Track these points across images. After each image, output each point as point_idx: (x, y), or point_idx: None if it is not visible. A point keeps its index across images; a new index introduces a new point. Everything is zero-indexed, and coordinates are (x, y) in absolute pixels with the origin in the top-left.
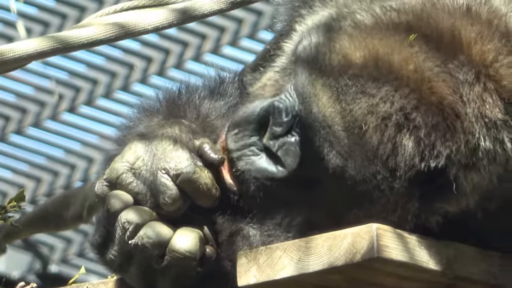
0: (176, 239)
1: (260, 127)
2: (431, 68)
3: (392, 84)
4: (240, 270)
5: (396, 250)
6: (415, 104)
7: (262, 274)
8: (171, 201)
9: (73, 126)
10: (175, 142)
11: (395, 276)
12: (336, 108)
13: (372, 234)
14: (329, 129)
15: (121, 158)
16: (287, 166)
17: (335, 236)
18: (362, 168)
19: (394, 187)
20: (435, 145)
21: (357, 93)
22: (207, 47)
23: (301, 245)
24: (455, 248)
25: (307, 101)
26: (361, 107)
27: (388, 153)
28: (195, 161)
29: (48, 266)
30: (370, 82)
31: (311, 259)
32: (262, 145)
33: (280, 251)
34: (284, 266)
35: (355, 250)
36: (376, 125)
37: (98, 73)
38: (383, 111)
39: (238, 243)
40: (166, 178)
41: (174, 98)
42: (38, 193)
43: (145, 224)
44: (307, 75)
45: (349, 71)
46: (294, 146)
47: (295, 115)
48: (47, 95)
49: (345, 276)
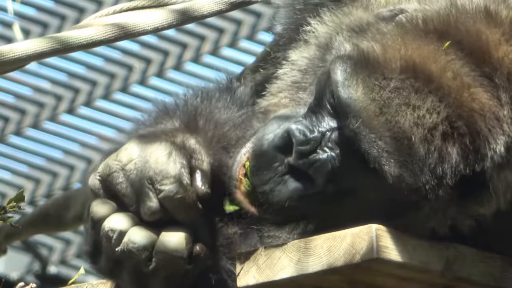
0: (162, 240)
1: (279, 152)
2: (468, 73)
3: (436, 94)
4: (239, 271)
5: (395, 251)
6: (459, 113)
7: (262, 275)
8: (150, 213)
9: (72, 127)
10: (170, 155)
11: (395, 277)
12: (381, 120)
13: (372, 235)
14: (384, 140)
15: (116, 156)
16: (317, 184)
17: (334, 237)
18: (416, 177)
19: (439, 194)
20: (479, 150)
21: (400, 105)
22: (206, 48)
23: (300, 246)
24: (455, 249)
25: (352, 115)
26: (407, 119)
27: (435, 162)
28: (182, 178)
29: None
30: (413, 93)
31: (311, 260)
32: (284, 168)
33: (279, 252)
34: (284, 267)
35: (355, 251)
36: (423, 136)
37: (97, 74)
38: (430, 122)
39: (237, 244)
40: (150, 189)
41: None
42: (37, 194)
43: (128, 230)
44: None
45: (391, 84)
46: (325, 163)
47: (324, 131)
48: (45, 96)
49: (345, 277)
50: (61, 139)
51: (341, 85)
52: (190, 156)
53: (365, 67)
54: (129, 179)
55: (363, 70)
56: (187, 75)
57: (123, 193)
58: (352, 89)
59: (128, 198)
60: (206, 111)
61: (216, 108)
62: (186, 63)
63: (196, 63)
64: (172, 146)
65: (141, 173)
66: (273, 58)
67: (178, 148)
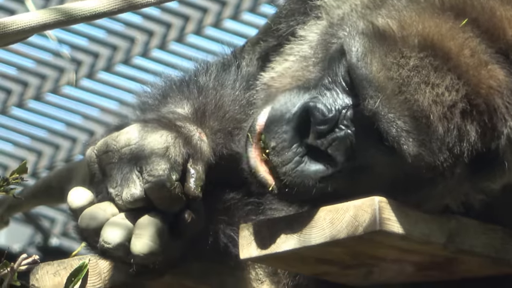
0: (135, 245)
1: (298, 132)
2: (485, 51)
3: (455, 72)
4: (242, 242)
5: (398, 223)
6: (477, 90)
7: (264, 247)
8: (132, 200)
9: (74, 100)
10: (167, 150)
11: (397, 249)
12: (400, 99)
13: (375, 207)
14: (403, 119)
15: (116, 137)
16: (337, 162)
17: (337, 209)
18: (434, 155)
19: (456, 172)
20: (497, 127)
21: (419, 83)
22: (209, 20)
23: (303, 218)
24: (457, 221)
25: (370, 95)
26: (426, 98)
27: (454, 140)
28: (171, 173)
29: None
30: (432, 71)
31: (313, 232)
32: (303, 149)
33: (282, 224)
34: (286, 239)
35: (357, 223)
36: (442, 114)
37: (99, 46)
38: (449, 100)
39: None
40: (138, 177)
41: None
42: (39, 166)
43: (102, 228)
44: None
45: (410, 62)
46: (344, 140)
47: (340, 109)
48: (48, 69)
49: (347, 249)
50: (63, 111)
51: (358, 64)
52: (189, 154)
53: (381, 44)
54: (121, 162)
55: (379, 48)
56: (189, 47)
57: (111, 174)
58: (369, 68)
59: (115, 180)
60: (215, 95)
61: (224, 89)
62: (189, 35)
63: (198, 35)
64: (172, 140)
65: (134, 160)
66: (274, 30)
67: (178, 143)
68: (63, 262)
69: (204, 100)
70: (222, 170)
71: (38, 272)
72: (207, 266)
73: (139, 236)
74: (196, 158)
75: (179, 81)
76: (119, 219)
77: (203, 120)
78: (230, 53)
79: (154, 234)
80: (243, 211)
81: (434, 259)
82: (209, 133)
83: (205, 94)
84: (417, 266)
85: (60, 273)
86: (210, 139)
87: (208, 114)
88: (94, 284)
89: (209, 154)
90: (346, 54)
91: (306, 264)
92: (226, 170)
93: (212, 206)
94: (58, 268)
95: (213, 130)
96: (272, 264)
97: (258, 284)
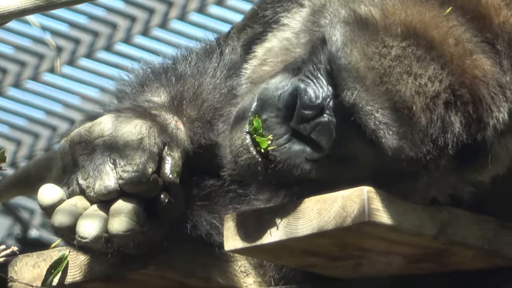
0: (111, 227)
1: (288, 110)
2: (470, 40)
3: (438, 62)
4: (227, 234)
5: (387, 214)
6: (461, 80)
7: (250, 239)
8: (106, 192)
9: (54, 87)
10: (141, 141)
11: (387, 240)
12: (381, 90)
13: (363, 197)
14: (382, 111)
15: (89, 127)
16: (322, 146)
17: (325, 199)
18: (416, 148)
19: (440, 164)
20: (482, 118)
21: (401, 73)
22: (193, 6)
23: (290, 209)
24: (449, 212)
25: (348, 86)
26: (408, 88)
27: (438, 132)
28: (147, 166)
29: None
30: (415, 61)
31: (300, 223)
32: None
33: (268, 215)
34: (272, 231)
35: (346, 214)
36: (425, 105)
37: (81, 32)
38: (432, 90)
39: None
40: (111, 169)
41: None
42: (18, 156)
43: (76, 224)
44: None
45: (392, 52)
46: (328, 126)
47: (325, 97)
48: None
49: (335, 241)
50: (43, 99)
51: (337, 54)
52: (165, 143)
53: (363, 33)
54: (95, 153)
55: (361, 37)
56: (173, 33)
57: (82, 165)
58: (349, 57)
59: (86, 171)
60: (194, 83)
61: (203, 77)
62: (172, 21)
63: (183, 21)
64: (147, 130)
65: (107, 151)
66: (261, 16)
67: (153, 132)
68: (42, 253)
69: (182, 88)
70: (200, 160)
71: (17, 264)
72: (191, 258)
73: (116, 216)
74: (172, 146)
75: (157, 69)
76: (92, 211)
77: (180, 108)
78: (214, 40)
79: (131, 212)
80: (225, 199)
81: (425, 251)
82: (186, 121)
83: (183, 82)
84: (408, 258)
85: (40, 265)
86: (187, 128)
87: (185, 103)
88: (75, 276)
89: (186, 142)
90: (327, 43)
91: (293, 256)
92: (205, 160)
93: (191, 192)
94: (38, 259)
95: (190, 119)
96: (258, 256)
97: (243, 277)
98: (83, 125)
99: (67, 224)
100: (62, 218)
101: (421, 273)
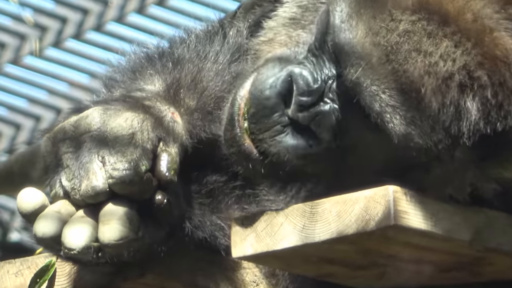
0: (103, 232)
1: (281, 99)
2: (491, 16)
3: (452, 39)
4: (234, 239)
5: (416, 216)
6: (479, 60)
7: (261, 244)
8: (94, 193)
9: (38, 72)
10: (133, 136)
11: (414, 246)
12: (387, 69)
13: (389, 198)
14: (389, 92)
15: (74, 122)
16: (321, 139)
17: (345, 200)
18: (426, 136)
19: (455, 155)
20: (503, 105)
21: (410, 51)
22: None
23: (305, 211)
24: (485, 215)
25: (352, 63)
26: (417, 67)
27: (450, 118)
28: (139, 164)
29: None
30: (425, 37)
31: (317, 227)
32: (287, 119)
33: (281, 218)
34: (286, 235)
35: (369, 217)
36: (436, 87)
37: (67, 10)
38: (444, 71)
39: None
40: (99, 168)
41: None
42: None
43: (62, 234)
44: (349, 33)
45: (400, 26)
46: (329, 115)
47: (326, 79)
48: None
49: (356, 247)
50: (25, 85)
51: (341, 26)
52: (160, 137)
53: (370, 6)
54: (81, 150)
55: (368, 9)
56: (171, 11)
57: (67, 164)
58: (354, 31)
59: (71, 171)
60: (193, 69)
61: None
62: None
63: None
64: (139, 124)
65: (95, 148)
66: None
67: (146, 126)
68: (26, 260)
69: (179, 75)
70: (201, 156)
71: None
72: (193, 265)
73: (106, 222)
74: (168, 141)
75: (152, 53)
76: (78, 217)
77: (177, 98)
78: (217, 20)
79: (123, 217)
80: (230, 197)
81: (457, 258)
82: (184, 112)
83: (180, 67)
84: (438, 267)
85: (23, 273)
86: (185, 120)
87: (183, 91)
88: (63, 286)
89: (184, 136)
90: (330, 15)
91: (309, 264)
92: (206, 156)
93: (191, 189)
94: (21, 267)
95: (189, 110)
96: (269, 264)
97: (253, 287)
98: (68, 119)
99: (51, 234)
100: (45, 227)
101: (453, 284)
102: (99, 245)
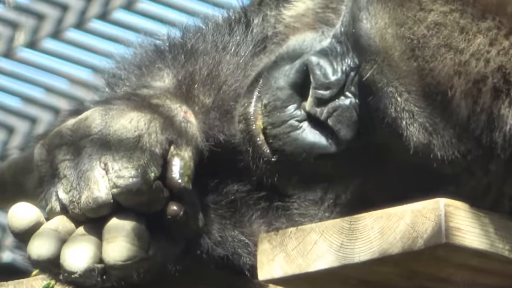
0: (108, 252)
1: (296, 90)
2: None
3: (487, 35)
4: (261, 259)
5: (471, 234)
6: None
7: (292, 265)
8: (96, 206)
9: (33, 66)
10: (139, 139)
11: (469, 268)
12: (411, 66)
13: (440, 212)
14: (407, 95)
15: (72, 125)
16: (341, 138)
17: (389, 215)
18: (450, 146)
19: (489, 169)
20: None
21: (439, 47)
22: None
23: (343, 227)
24: None
25: (372, 57)
26: (445, 66)
27: (482, 127)
28: (147, 171)
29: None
30: (457, 32)
31: (357, 246)
32: (303, 113)
33: (315, 234)
34: (321, 255)
35: (416, 234)
36: (466, 90)
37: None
38: (476, 72)
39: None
40: (102, 175)
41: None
42: None
43: (61, 255)
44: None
45: (429, 17)
46: (349, 111)
47: (348, 71)
48: None
49: (401, 269)
50: (18, 82)
51: (359, 14)
52: (170, 140)
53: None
54: (80, 157)
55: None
56: None
57: (64, 174)
58: (374, 20)
59: (69, 182)
60: (209, 61)
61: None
62: None
63: None
64: (146, 125)
65: (96, 154)
66: None
67: (154, 128)
68: (21, 282)
69: (192, 68)
70: (219, 161)
71: None
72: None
73: (111, 240)
74: (181, 144)
75: (161, 45)
76: (78, 235)
77: (190, 95)
78: (240, 7)
79: (131, 233)
80: (255, 210)
81: None
82: (198, 111)
83: (194, 60)
84: None
85: None
86: (200, 120)
87: (197, 87)
88: None
89: (199, 138)
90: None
91: (348, 287)
92: (225, 161)
93: (209, 200)
94: None
95: (204, 108)
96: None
97: None
98: (64, 122)
99: (48, 256)
100: (41, 247)
101: None
102: (103, 267)
